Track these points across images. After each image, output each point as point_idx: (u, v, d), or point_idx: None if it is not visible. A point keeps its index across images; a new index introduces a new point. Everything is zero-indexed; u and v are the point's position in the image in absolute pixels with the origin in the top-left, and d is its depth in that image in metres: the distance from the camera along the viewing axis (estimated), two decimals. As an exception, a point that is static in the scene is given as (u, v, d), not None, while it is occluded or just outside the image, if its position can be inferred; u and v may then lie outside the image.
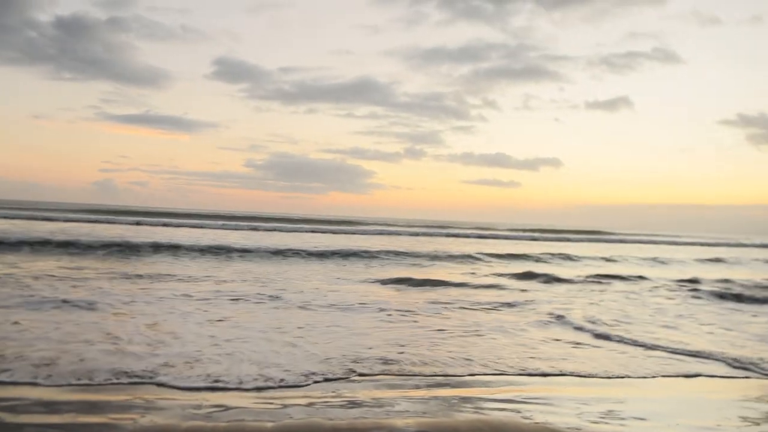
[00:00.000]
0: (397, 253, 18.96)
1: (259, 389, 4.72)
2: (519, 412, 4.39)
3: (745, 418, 4.44)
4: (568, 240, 37.82)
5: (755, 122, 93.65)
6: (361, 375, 5.28)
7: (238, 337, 6.40)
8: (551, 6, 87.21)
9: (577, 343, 7.05)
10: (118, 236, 19.22)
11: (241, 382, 4.82)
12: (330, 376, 5.17)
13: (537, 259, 20.31)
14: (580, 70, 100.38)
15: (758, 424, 4.33)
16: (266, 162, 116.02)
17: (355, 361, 5.67)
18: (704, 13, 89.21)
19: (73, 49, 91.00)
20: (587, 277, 15.07)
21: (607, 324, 8.29)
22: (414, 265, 16.62)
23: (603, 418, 4.33)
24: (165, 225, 31.82)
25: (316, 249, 18.53)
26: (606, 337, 7.36)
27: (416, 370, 5.53)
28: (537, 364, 5.96)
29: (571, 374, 5.64)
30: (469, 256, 19.45)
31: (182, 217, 42.40)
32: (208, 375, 4.94)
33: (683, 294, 12.48)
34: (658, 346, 6.95)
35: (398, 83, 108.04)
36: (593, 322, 8.31)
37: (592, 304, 10.46)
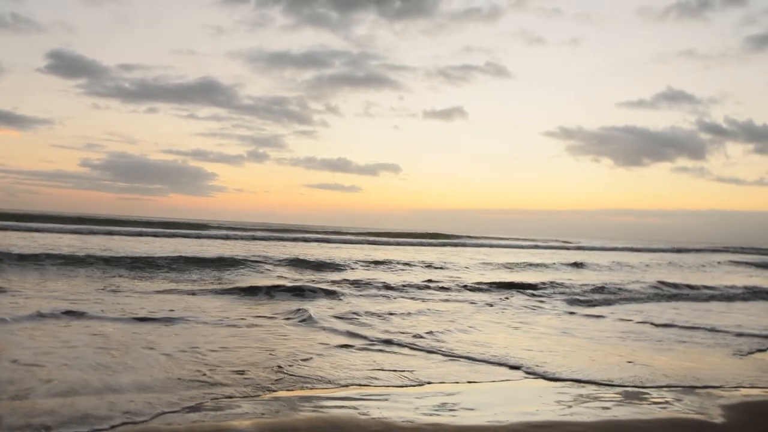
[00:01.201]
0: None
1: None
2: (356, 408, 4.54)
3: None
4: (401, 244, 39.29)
5: (574, 135, 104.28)
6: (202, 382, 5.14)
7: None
8: (393, 17, 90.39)
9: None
10: None
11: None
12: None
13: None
14: (419, 80, 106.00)
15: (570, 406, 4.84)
16: (103, 162, 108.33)
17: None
18: (531, 33, 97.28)
19: None
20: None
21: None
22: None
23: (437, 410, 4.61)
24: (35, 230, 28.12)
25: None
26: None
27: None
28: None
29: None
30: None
31: (44, 220, 37.90)
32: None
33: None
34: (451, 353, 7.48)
35: (242, 86, 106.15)
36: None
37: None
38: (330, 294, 11.50)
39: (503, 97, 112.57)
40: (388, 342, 7.17)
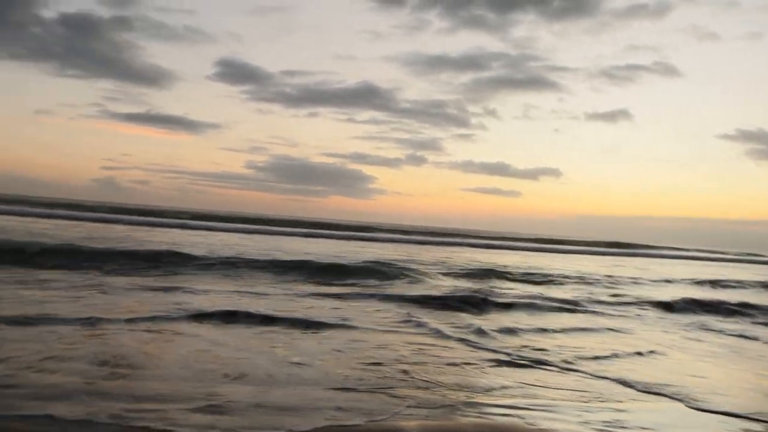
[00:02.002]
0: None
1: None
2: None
3: None
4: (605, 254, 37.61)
5: (754, 138, 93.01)
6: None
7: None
8: (552, 17, 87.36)
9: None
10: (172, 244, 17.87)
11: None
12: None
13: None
14: (580, 81, 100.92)
15: None
16: (267, 164, 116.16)
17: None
18: (703, 28, 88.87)
19: (78, 46, 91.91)
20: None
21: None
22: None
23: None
24: (209, 229, 31.17)
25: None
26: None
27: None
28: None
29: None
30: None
31: (215, 219, 41.57)
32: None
33: None
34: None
35: (400, 89, 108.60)
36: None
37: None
38: (502, 307, 10.68)
39: (672, 97, 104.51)
40: (546, 361, 6.83)
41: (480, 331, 7.93)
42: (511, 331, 8.13)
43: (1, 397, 4.12)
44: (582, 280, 16.92)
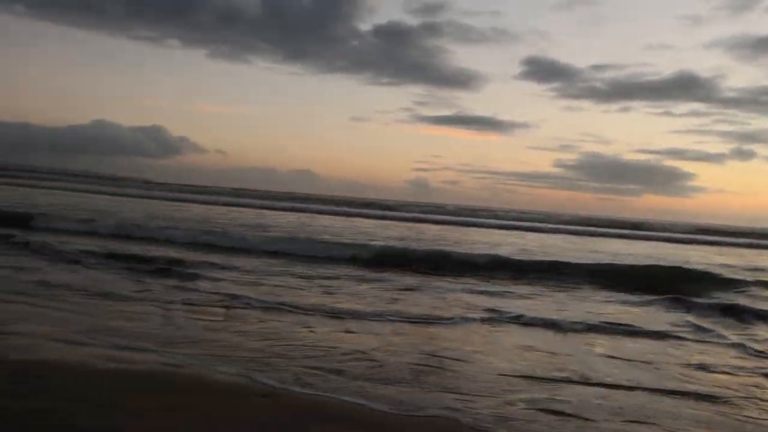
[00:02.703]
0: None
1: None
2: None
3: None
4: None
5: None
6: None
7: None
8: None
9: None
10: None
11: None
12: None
13: None
14: None
15: None
16: (577, 162, 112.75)
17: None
18: None
19: (391, 55, 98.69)
20: None
21: None
22: None
23: None
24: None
25: None
26: None
27: None
28: None
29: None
30: None
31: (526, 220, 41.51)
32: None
33: None
34: None
35: (723, 77, 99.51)
36: None
37: None
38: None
39: None
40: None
41: None
42: None
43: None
44: None
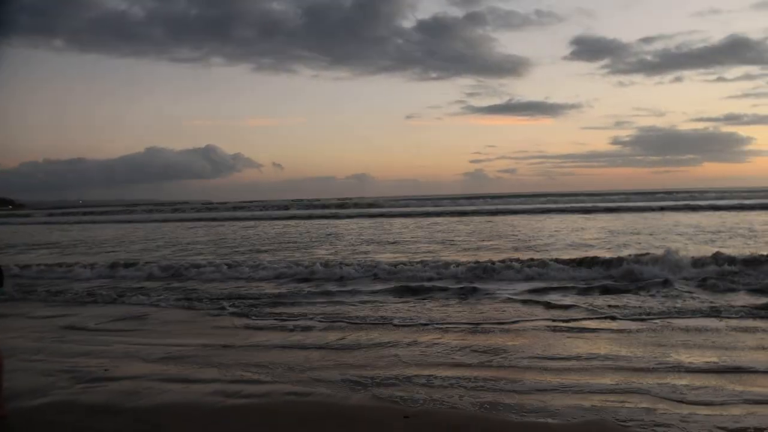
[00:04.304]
0: None
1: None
2: None
3: None
4: None
5: None
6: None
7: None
8: None
9: None
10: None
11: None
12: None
13: None
14: None
15: None
16: (633, 138, 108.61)
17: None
18: None
19: (437, 49, 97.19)
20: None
21: None
22: None
23: None
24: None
25: None
26: None
27: None
28: None
29: None
30: None
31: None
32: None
33: None
34: None
35: None
36: None
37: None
38: None
39: None
40: None
41: None
42: None
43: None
44: None
